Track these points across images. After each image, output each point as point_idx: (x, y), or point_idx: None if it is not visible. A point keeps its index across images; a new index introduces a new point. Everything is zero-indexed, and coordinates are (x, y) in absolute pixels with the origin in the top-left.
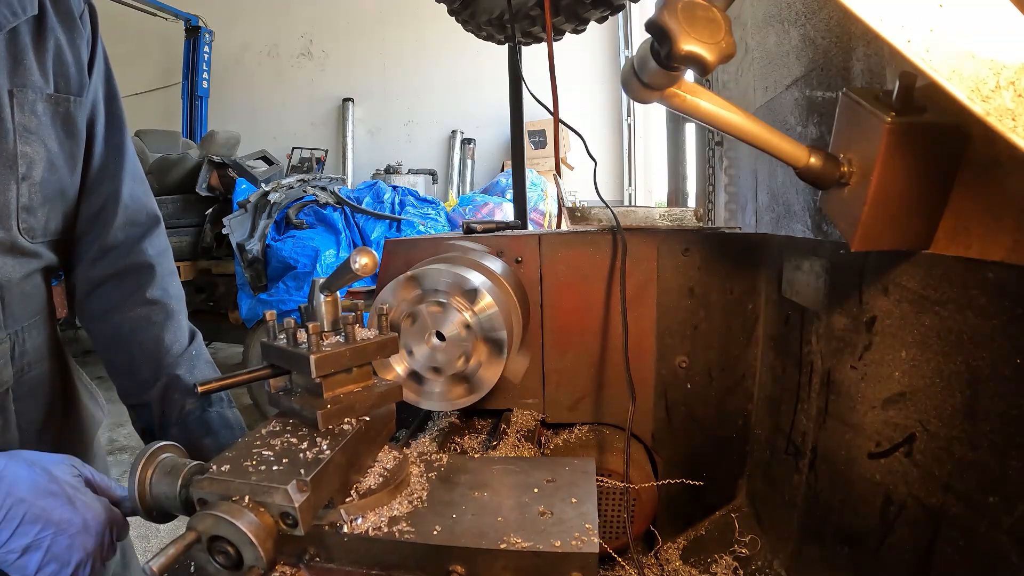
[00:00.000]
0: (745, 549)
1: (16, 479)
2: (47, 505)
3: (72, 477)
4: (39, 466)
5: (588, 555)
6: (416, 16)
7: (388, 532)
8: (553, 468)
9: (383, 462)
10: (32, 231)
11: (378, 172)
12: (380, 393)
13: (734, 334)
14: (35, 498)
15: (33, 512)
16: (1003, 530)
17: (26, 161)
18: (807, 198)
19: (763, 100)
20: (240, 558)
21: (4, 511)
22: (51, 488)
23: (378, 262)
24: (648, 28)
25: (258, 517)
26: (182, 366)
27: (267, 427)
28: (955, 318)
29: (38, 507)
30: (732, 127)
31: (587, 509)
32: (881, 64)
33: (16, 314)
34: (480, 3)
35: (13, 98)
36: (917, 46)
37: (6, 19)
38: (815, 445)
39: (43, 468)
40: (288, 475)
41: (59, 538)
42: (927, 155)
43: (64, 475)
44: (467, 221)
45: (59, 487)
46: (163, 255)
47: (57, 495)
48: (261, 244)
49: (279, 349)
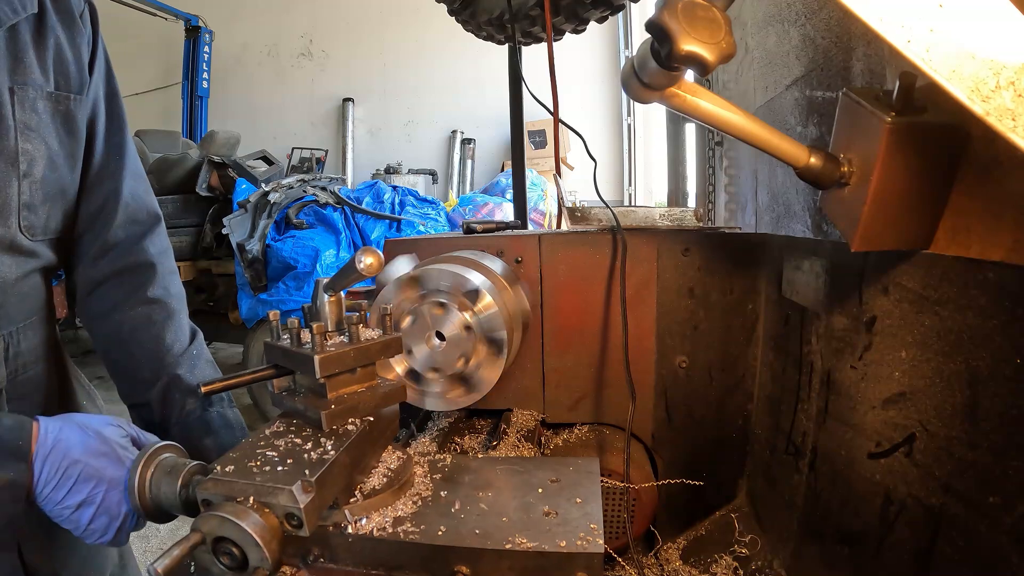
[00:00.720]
0: (745, 549)
1: (70, 442)
2: (99, 464)
3: (120, 437)
4: (91, 428)
5: (594, 555)
6: (416, 16)
7: (393, 533)
8: (557, 468)
9: (387, 462)
10: (32, 229)
11: (378, 172)
12: (384, 393)
13: (734, 334)
14: (88, 458)
15: (87, 472)
16: (1003, 530)
17: (27, 158)
18: (807, 198)
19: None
20: (245, 559)
21: (61, 472)
22: (103, 448)
23: (383, 262)
24: (648, 28)
25: (263, 518)
26: (183, 366)
27: (271, 427)
28: (955, 318)
29: (91, 467)
30: (732, 127)
31: (592, 509)
32: (881, 64)
33: (11, 315)
34: (480, 3)
35: (14, 95)
36: (917, 46)
37: (6, 15)
38: (815, 445)
39: (95, 430)
40: (293, 476)
41: (111, 493)
42: (927, 155)
43: (114, 435)
44: (467, 221)
45: (110, 447)
46: (164, 254)
47: (108, 455)
48: (261, 244)
49: (283, 349)
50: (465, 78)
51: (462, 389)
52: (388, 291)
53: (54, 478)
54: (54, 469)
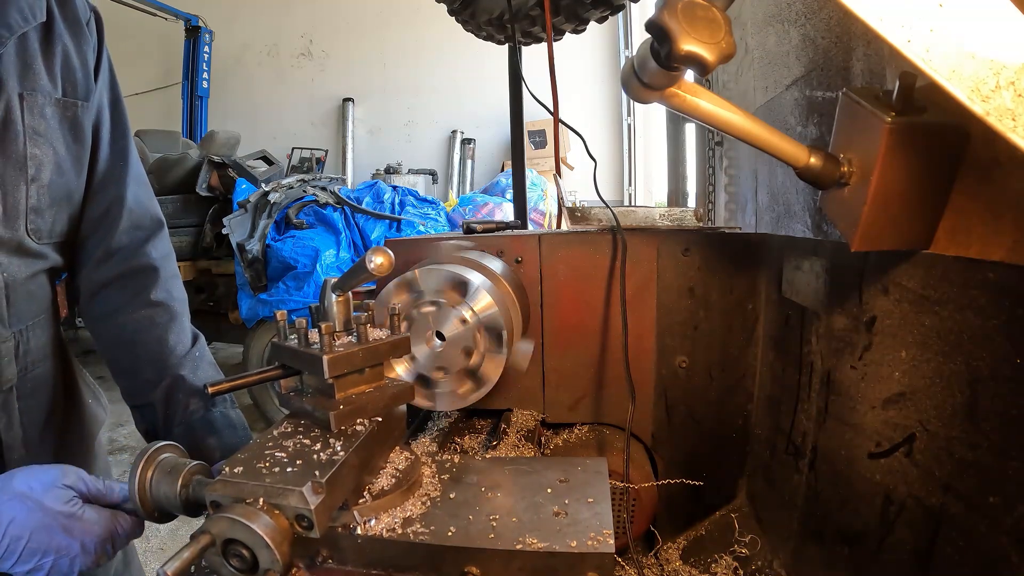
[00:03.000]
0: (745, 549)
1: (12, 518)
2: (43, 538)
3: (64, 504)
4: (31, 500)
5: (604, 555)
6: (416, 16)
7: (403, 533)
8: (566, 468)
9: (395, 463)
10: (39, 232)
11: (378, 172)
12: (392, 394)
13: (734, 334)
14: (32, 533)
15: (31, 546)
16: (1003, 530)
17: (35, 163)
18: (807, 198)
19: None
20: (255, 561)
21: (3, 547)
22: (45, 521)
23: (393, 261)
24: (648, 28)
25: (273, 520)
26: (186, 367)
27: (279, 428)
28: (955, 318)
29: (35, 540)
30: (732, 127)
31: (602, 509)
32: (881, 64)
33: (21, 313)
34: (480, 3)
35: (23, 101)
36: (917, 46)
37: (17, 24)
38: (815, 445)
39: (35, 502)
40: (303, 477)
41: (60, 561)
42: (927, 155)
43: (57, 504)
44: (467, 221)
45: (52, 519)
46: (167, 258)
47: (51, 527)
48: (261, 244)
49: (291, 350)
50: (465, 78)
51: (471, 384)
52: (386, 292)
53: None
54: None
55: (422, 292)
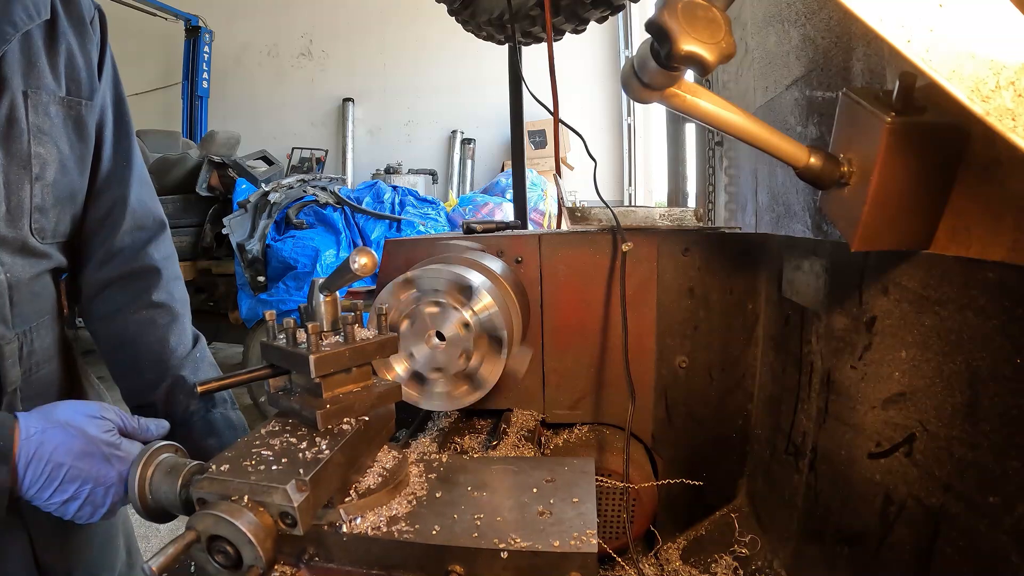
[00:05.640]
0: (745, 549)
1: (54, 444)
2: (83, 465)
3: (105, 433)
4: (73, 427)
5: (587, 555)
6: (416, 16)
7: (387, 532)
8: (552, 468)
9: (382, 462)
10: (43, 231)
11: (378, 172)
12: (379, 393)
13: (734, 334)
14: (72, 460)
15: (72, 473)
16: (1003, 530)
17: (40, 162)
18: (807, 198)
19: (763, 100)
20: (239, 558)
21: (45, 476)
22: (87, 448)
23: (377, 262)
24: (648, 28)
25: (257, 517)
26: (186, 368)
27: (266, 427)
28: (955, 318)
29: (76, 468)
30: (732, 127)
31: (586, 509)
32: (881, 64)
33: (25, 314)
34: (480, 3)
35: (27, 99)
36: (917, 46)
37: (22, 21)
38: (815, 445)
39: (78, 429)
40: (287, 475)
41: (96, 489)
42: (927, 155)
43: (98, 433)
44: (467, 221)
45: (94, 446)
46: (169, 260)
47: (92, 455)
48: (261, 244)
49: (278, 349)
50: (465, 78)
51: (467, 387)
52: (386, 292)
53: (38, 480)
54: (38, 472)
55: (422, 292)
